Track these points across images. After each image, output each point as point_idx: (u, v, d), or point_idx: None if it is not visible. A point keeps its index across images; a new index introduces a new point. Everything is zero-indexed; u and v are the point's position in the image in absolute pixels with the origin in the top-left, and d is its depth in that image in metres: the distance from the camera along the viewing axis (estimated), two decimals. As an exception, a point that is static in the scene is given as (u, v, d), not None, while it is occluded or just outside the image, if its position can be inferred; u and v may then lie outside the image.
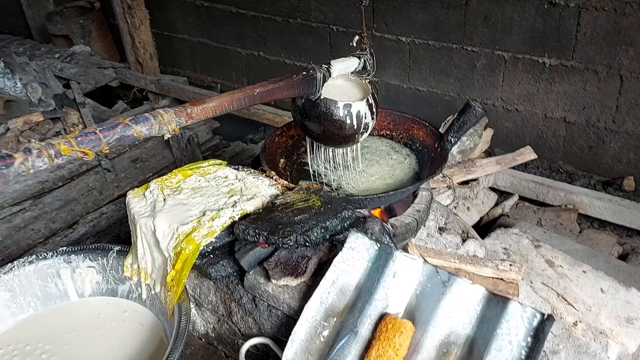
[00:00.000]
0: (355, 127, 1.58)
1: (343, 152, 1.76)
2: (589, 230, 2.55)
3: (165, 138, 1.26)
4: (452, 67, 3.02)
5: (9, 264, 1.61)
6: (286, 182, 1.68)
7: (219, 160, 1.80)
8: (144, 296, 1.61)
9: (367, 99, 1.60)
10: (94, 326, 1.58)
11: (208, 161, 1.79)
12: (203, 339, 1.69)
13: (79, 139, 1.10)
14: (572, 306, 1.86)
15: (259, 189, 1.64)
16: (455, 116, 1.81)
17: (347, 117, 1.55)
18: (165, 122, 1.22)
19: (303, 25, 3.48)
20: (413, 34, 3.06)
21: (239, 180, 1.69)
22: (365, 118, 1.58)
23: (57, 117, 3.55)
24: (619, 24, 2.45)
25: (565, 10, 2.55)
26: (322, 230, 1.39)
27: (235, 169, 1.76)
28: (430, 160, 1.82)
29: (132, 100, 4.08)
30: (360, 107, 1.57)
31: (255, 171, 1.76)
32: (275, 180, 1.69)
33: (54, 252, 1.65)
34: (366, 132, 1.64)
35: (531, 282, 1.93)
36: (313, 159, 1.81)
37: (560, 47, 2.64)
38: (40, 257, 1.63)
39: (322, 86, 1.54)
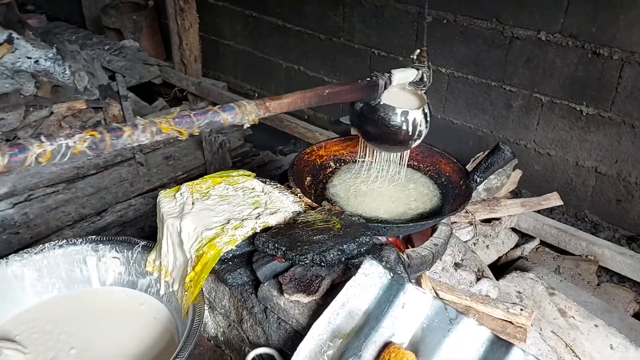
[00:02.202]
0: (410, 134, 1.66)
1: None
2: (607, 284, 2.52)
3: (245, 127, 1.35)
4: (488, 103, 3.03)
5: (40, 245, 1.70)
6: (310, 201, 1.72)
7: (248, 172, 1.86)
8: (162, 292, 1.67)
9: (423, 108, 1.68)
10: (112, 314, 1.65)
11: (238, 171, 1.85)
12: (212, 341, 1.74)
13: (176, 119, 1.21)
14: (579, 359, 1.85)
15: (282, 204, 1.69)
16: (483, 156, 1.84)
17: (404, 124, 1.63)
18: (247, 113, 1.32)
19: (345, 45, 3.55)
20: (453, 66, 3.09)
21: (265, 194, 1.74)
22: (420, 126, 1.66)
23: (100, 107, 3.69)
24: (661, 82, 2.44)
25: (609, 61, 2.55)
26: (339, 253, 1.42)
27: (262, 182, 1.82)
28: (453, 196, 1.84)
29: (172, 99, 4.21)
30: (417, 115, 1.65)
31: (282, 186, 1.81)
32: (300, 198, 1.74)
33: (83, 239, 1.73)
34: (419, 139, 1.71)
35: (541, 329, 1.92)
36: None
37: (599, 97, 2.64)
38: (70, 243, 1.72)
39: (383, 92, 1.63)
